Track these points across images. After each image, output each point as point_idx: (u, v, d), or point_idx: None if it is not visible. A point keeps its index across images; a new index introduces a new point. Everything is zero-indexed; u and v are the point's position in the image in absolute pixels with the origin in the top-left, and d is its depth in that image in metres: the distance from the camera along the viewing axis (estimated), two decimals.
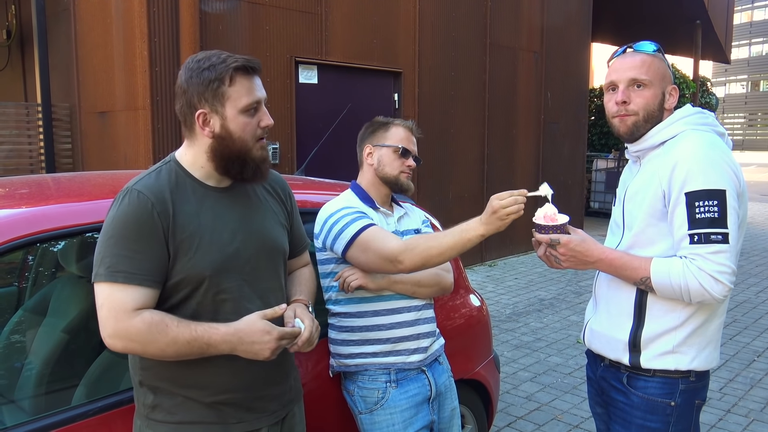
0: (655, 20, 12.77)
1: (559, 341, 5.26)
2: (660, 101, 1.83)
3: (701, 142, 1.74)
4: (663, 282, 1.72)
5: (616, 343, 1.88)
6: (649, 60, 1.82)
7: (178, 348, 1.49)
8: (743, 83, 57.26)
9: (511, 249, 8.59)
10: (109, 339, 1.49)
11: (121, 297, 1.47)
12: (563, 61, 9.12)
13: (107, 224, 1.53)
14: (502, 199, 1.82)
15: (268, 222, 1.74)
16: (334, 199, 2.19)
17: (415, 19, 6.96)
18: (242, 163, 1.61)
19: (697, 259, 1.67)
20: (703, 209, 1.66)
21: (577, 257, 1.80)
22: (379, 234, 1.99)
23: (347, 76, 6.42)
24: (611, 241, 1.97)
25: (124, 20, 5.14)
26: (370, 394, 2.10)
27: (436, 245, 1.91)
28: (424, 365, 2.18)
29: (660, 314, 1.80)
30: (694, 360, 1.80)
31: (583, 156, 9.97)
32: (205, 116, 1.58)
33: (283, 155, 5.76)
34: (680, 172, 1.70)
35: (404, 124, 2.25)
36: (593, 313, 2.02)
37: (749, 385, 4.36)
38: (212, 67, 1.56)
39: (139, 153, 5.12)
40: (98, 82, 5.52)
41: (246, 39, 5.45)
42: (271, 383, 1.72)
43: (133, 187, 1.54)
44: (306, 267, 1.94)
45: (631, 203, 1.88)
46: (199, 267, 1.55)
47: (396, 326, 2.12)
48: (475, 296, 3.02)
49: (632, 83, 1.82)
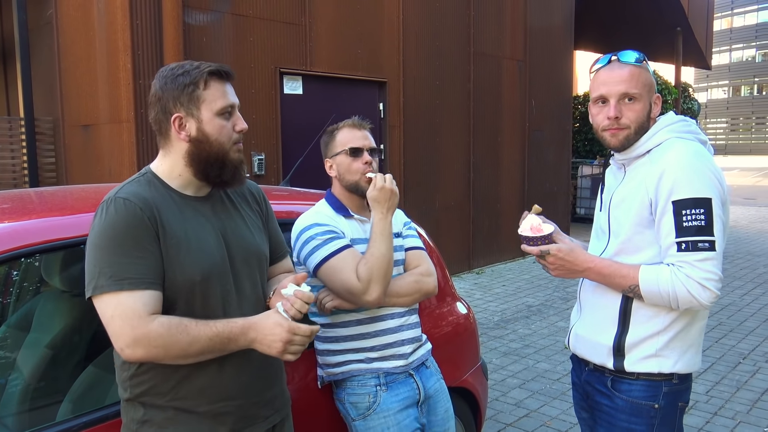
0: (636, 28, 12.93)
1: (547, 347, 5.28)
2: (648, 112, 1.84)
3: (687, 151, 1.76)
4: (651, 290, 1.74)
5: (600, 347, 1.90)
6: (637, 72, 1.82)
7: (201, 346, 1.49)
8: (725, 89, 58.05)
9: (499, 256, 8.62)
10: (127, 349, 1.46)
11: (132, 303, 1.46)
12: (547, 69, 9.20)
13: (96, 236, 1.51)
14: (384, 181, 2.02)
15: (248, 228, 1.76)
16: (307, 212, 2.19)
17: (399, 29, 7.00)
18: (221, 165, 1.63)
19: (685, 266, 1.70)
20: (690, 217, 1.69)
21: (566, 266, 1.83)
22: (347, 265, 1.99)
23: (332, 87, 6.44)
24: (596, 247, 1.99)
25: (107, 33, 5.13)
26: (361, 399, 2.10)
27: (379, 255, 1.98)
28: (411, 369, 2.18)
29: (644, 320, 1.82)
30: (677, 363, 1.83)
31: (568, 163, 10.04)
32: (181, 120, 1.60)
33: (268, 166, 5.76)
34: (667, 180, 1.72)
35: (347, 124, 2.23)
36: (578, 318, 2.04)
37: (735, 388, 4.40)
38: (186, 73, 1.60)
39: (123, 166, 5.10)
40: (81, 95, 5.50)
41: (230, 50, 5.46)
42: (263, 388, 1.72)
43: (116, 196, 1.54)
44: (290, 272, 1.93)
45: (617, 210, 1.89)
46: (188, 273, 1.55)
47: (380, 333, 2.12)
48: (462, 304, 3.02)
49: (623, 97, 1.82)
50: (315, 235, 2.06)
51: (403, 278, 2.15)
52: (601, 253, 1.92)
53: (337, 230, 2.09)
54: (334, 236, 2.06)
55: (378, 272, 1.96)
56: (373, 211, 2.03)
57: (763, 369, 4.74)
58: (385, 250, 1.98)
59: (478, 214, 8.21)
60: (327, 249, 2.03)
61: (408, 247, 2.25)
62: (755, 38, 55.79)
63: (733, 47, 56.78)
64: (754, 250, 9.84)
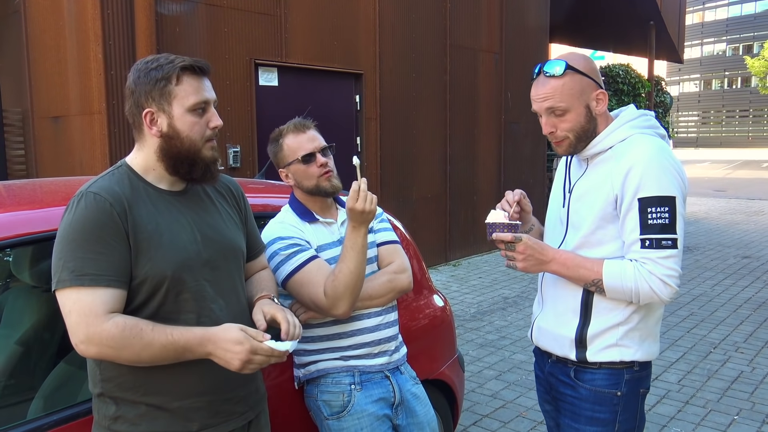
0: (610, 21, 13.05)
1: (523, 338, 5.33)
2: (587, 115, 1.83)
3: (653, 147, 1.78)
4: (614, 284, 1.78)
5: (563, 339, 1.93)
6: (559, 84, 1.80)
7: (153, 352, 1.47)
8: (696, 82, 59.06)
9: (475, 248, 8.67)
10: (81, 345, 1.46)
11: (89, 301, 1.45)
12: (522, 61, 9.25)
13: (64, 229, 1.50)
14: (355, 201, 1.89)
15: (224, 224, 1.74)
16: (272, 222, 2.15)
17: (375, 21, 6.97)
18: (191, 162, 1.61)
19: (648, 263, 1.74)
20: (655, 215, 1.72)
21: (535, 256, 1.84)
22: (312, 279, 1.97)
23: (308, 78, 6.39)
24: (552, 239, 2.01)
25: (77, 22, 5.02)
26: (335, 398, 2.08)
27: (348, 272, 1.92)
28: (388, 370, 2.16)
29: (605, 312, 1.86)
30: (638, 351, 1.87)
31: (544, 156, 10.13)
32: (152, 115, 1.58)
33: (243, 158, 5.71)
34: (634, 177, 1.74)
35: (290, 130, 2.14)
36: (540, 311, 2.06)
37: (706, 377, 4.49)
38: (159, 67, 1.58)
39: (95, 158, 5.01)
40: (51, 86, 5.38)
41: (204, 41, 5.38)
42: (237, 385, 1.70)
43: (88, 191, 1.53)
44: (265, 270, 1.94)
45: (578, 203, 1.91)
46: (159, 267, 1.53)
47: (357, 333, 2.10)
48: (439, 296, 3.03)
49: (551, 112, 1.84)
50: (278, 250, 2.03)
51: (375, 279, 2.11)
52: (559, 245, 1.95)
53: (302, 241, 2.05)
54: (298, 249, 2.02)
55: (345, 289, 1.93)
56: (348, 222, 1.95)
57: (734, 358, 4.84)
58: (353, 267, 1.92)
59: (454, 207, 8.24)
60: (291, 264, 2.00)
61: (381, 242, 2.21)
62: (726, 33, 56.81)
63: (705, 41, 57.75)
64: (725, 241, 10.04)
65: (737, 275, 7.59)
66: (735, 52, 56.91)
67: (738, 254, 8.93)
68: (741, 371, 4.58)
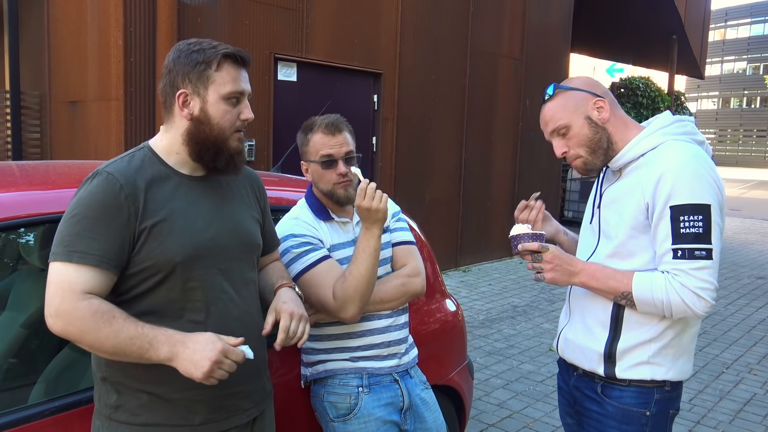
0: (632, 33, 12.95)
1: (532, 349, 5.26)
2: (590, 126, 1.80)
3: (686, 153, 1.70)
4: (645, 297, 1.71)
5: (591, 353, 1.86)
6: (553, 105, 1.82)
7: (117, 342, 1.41)
8: (714, 100, 58.61)
9: (486, 255, 8.60)
10: (49, 318, 1.43)
11: (72, 277, 1.42)
12: (542, 69, 9.17)
13: (72, 204, 1.49)
14: (362, 198, 1.84)
15: (243, 215, 1.71)
16: (286, 217, 2.10)
17: (397, 21, 6.92)
18: (217, 150, 1.59)
19: (680, 274, 1.66)
20: (688, 224, 1.64)
21: (563, 266, 1.78)
22: (322, 280, 1.91)
23: (327, 75, 6.35)
24: (584, 249, 1.95)
25: (99, 8, 5.01)
26: (342, 400, 2.02)
27: (359, 275, 1.87)
28: (397, 372, 2.10)
29: (636, 326, 1.79)
30: (670, 370, 1.79)
31: (559, 165, 10.03)
32: (186, 97, 1.56)
33: (259, 152, 5.67)
34: (665, 185, 1.67)
35: (321, 128, 2.02)
36: (567, 322, 1.99)
37: (718, 397, 4.40)
38: (202, 51, 1.57)
39: (110, 144, 4.99)
40: (70, 70, 5.37)
41: (225, 33, 5.35)
42: (243, 379, 1.65)
43: (103, 170, 1.51)
44: (278, 261, 1.91)
45: (607, 210, 1.85)
46: (169, 253, 1.50)
47: (367, 333, 2.05)
48: (451, 301, 2.97)
49: (556, 134, 1.84)
50: (290, 248, 1.98)
51: (388, 282, 2.04)
52: (591, 254, 1.89)
53: (315, 240, 2.00)
54: (310, 248, 1.97)
55: (355, 292, 1.87)
56: (362, 223, 1.91)
57: (746, 379, 4.75)
58: (365, 271, 1.87)
59: (467, 211, 8.17)
60: (302, 262, 1.96)
61: (396, 242, 2.14)
62: (747, 51, 56.34)
63: (725, 59, 57.30)
64: (739, 260, 9.91)
65: (751, 296, 7.48)
66: (755, 71, 56.42)
67: (752, 274, 8.80)
68: (754, 393, 4.48)
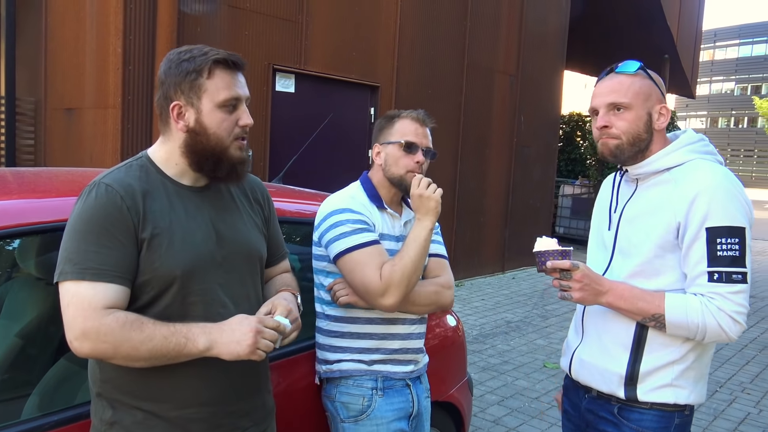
0: (625, 52, 13.02)
1: (526, 365, 5.23)
2: (646, 122, 1.74)
3: (718, 174, 1.67)
4: (678, 320, 1.65)
5: (610, 375, 1.79)
6: (628, 81, 1.73)
7: (153, 345, 1.38)
8: (702, 119, 59.25)
9: (479, 269, 8.58)
10: (75, 342, 1.38)
11: (89, 295, 1.37)
12: (537, 85, 9.22)
13: (72, 220, 1.44)
14: (416, 186, 1.93)
15: (245, 226, 1.66)
16: (338, 193, 2.08)
17: (395, 34, 6.94)
18: (217, 160, 1.54)
19: (717, 298, 1.62)
20: (725, 247, 1.61)
21: (592, 286, 1.70)
22: (372, 260, 1.87)
23: (325, 87, 6.35)
24: (595, 264, 1.88)
25: (98, 15, 4.98)
26: (354, 401, 1.99)
27: (409, 263, 1.86)
28: (410, 378, 2.09)
29: (659, 348, 1.74)
30: (692, 394, 1.75)
31: (553, 180, 10.07)
32: (180, 109, 1.51)
33: (255, 163, 5.64)
34: (701, 205, 1.63)
35: (411, 115, 2.07)
36: (579, 342, 1.92)
37: (712, 416, 4.38)
38: (192, 59, 1.51)
39: (106, 153, 4.94)
40: (67, 77, 5.33)
41: (224, 43, 5.34)
42: (242, 396, 1.61)
43: (101, 181, 1.47)
44: (287, 273, 1.86)
45: (629, 227, 1.79)
46: (168, 266, 1.46)
47: (389, 337, 2.03)
48: (452, 316, 2.95)
49: (612, 107, 1.74)
50: (345, 221, 1.93)
51: (424, 286, 2.02)
52: (605, 271, 1.83)
53: (369, 222, 1.97)
54: (364, 227, 1.94)
55: (402, 278, 1.85)
56: (416, 214, 1.94)
57: (740, 399, 4.74)
58: (416, 258, 1.87)
59: (460, 226, 8.17)
60: (355, 239, 1.91)
61: (431, 254, 2.13)
62: (735, 72, 57.15)
63: (714, 79, 58.07)
64: None
65: None
66: (743, 91, 57.18)
67: None
68: (748, 413, 4.47)
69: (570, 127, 13.75)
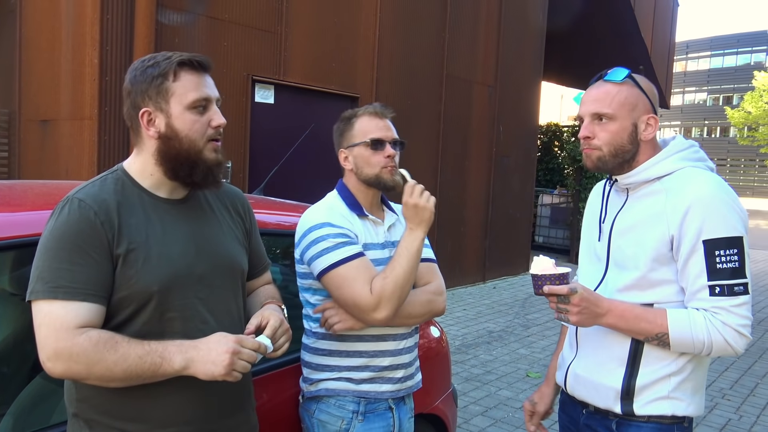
0: (601, 63, 13.19)
1: (509, 374, 5.23)
2: (631, 133, 1.68)
3: (711, 183, 1.62)
4: (683, 338, 1.61)
5: (606, 390, 1.74)
6: (614, 90, 1.68)
7: (128, 365, 1.34)
8: (676, 129, 60.24)
9: (460, 280, 8.59)
10: (48, 362, 1.34)
11: (61, 314, 1.33)
12: (515, 96, 9.29)
13: (45, 237, 1.40)
14: (409, 195, 1.85)
15: (225, 238, 1.62)
16: (316, 205, 1.99)
17: (375, 46, 6.95)
18: (192, 164, 1.50)
19: (721, 312, 1.58)
20: (724, 259, 1.56)
21: (590, 309, 1.64)
22: (360, 275, 1.80)
23: (304, 98, 6.33)
24: (588, 276, 1.84)
25: (74, 26, 4.92)
26: (333, 422, 1.93)
27: (401, 275, 1.80)
28: (394, 399, 2.02)
29: (655, 361, 1.69)
30: (690, 406, 1.71)
31: (532, 190, 10.14)
32: (149, 115, 1.48)
33: (235, 174, 5.59)
34: (695, 217, 1.58)
35: (368, 111, 1.99)
36: (573, 357, 1.86)
37: (694, 423, 4.40)
38: (156, 64, 1.49)
39: (82, 165, 4.86)
40: (42, 88, 5.24)
41: (202, 54, 5.28)
42: (223, 415, 1.57)
43: (74, 197, 1.43)
44: (269, 284, 1.82)
45: (622, 239, 1.74)
46: (145, 282, 1.42)
47: (379, 354, 1.96)
48: (435, 327, 2.93)
49: (595, 117, 1.70)
50: (327, 236, 1.85)
51: (416, 296, 1.95)
52: (599, 283, 1.79)
53: (351, 234, 1.90)
54: (347, 240, 1.86)
55: (394, 291, 1.79)
56: (407, 223, 1.87)
57: (720, 405, 4.78)
58: (408, 269, 1.81)
59: (441, 237, 8.17)
60: (339, 254, 1.83)
61: (421, 258, 2.02)
62: (707, 83, 58.29)
63: (686, 90, 59.16)
64: None
65: None
66: (715, 102, 58.32)
67: None
68: (729, 419, 4.51)
69: (548, 137, 13.90)
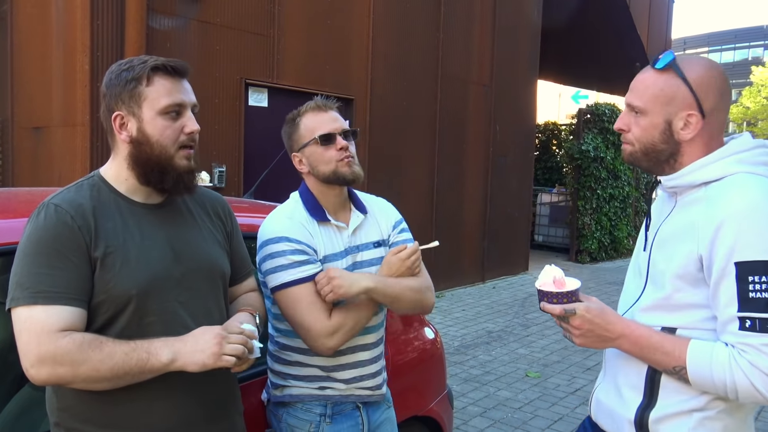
0: (598, 62, 13.24)
1: (508, 375, 5.20)
2: (663, 131, 1.47)
3: (757, 193, 1.36)
4: (703, 376, 1.38)
5: (620, 420, 1.56)
6: (651, 80, 1.47)
7: (114, 363, 1.33)
8: None
9: (459, 280, 8.56)
10: (32, 369, 1.31)
11: (43, 319, 1.32)
12: (511, 95, 9.27)
13: (22, 244, 1.39)
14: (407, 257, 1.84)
15: (205, 242, 1.61)
16: (276, 212, 1.91)
17: (368, 47, 6.93)
18: (162, 171, 1.49)
19: (749, 351, 1.32)
20: (759, 286, 1.31)
21: (595, 331, 1.46)
22: (316, 299, 1.76)
23: (298, 101, 6.19)
24: (629, 293, 1.65)
25: (65, 32, 4.90)
26: (301, 425, 1.89)
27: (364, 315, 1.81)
28: (360, 401, 1.97)
29: (674, 393, 1.47)
30: None
31: (530, 189, 10.10)
32: (121, 119, 1.48)
33: (229, 179, 5.57)
34: (728, 234, 1.34)
35: (310, 107, 1.91)
36: (601, 381, 1.70)
37: None
38: (131, 68, 1.48)
39: (75, 171, 4.84)
40: (34, 95, 5.23)
41: (195, 58, 5.28)
42: (212, 419, 1.55)
43: (49, 202, 1.42)
44: (253, 291, 1.79)
45: (658, 252, 1.54)
46: (123, 286, 1.41)
47: (338, 369, 1.91)
48: (430, 329, 2.91)
49: (631, 108, 1.52)
50: (284, 252, 1.79)
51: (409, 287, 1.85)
52: (637, 299, 1.59)
53: (311, 250, 1.82)
54: (304, 259, 1.79)
55: (353, 328, 1.79)
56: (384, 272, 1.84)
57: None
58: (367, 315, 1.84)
59: (440, 237, 8.04)
60: (295, 273, 1.78)
61: None
62: None
63: None
64: None
65: None
66: None
67: None
68: None
69: (546, 135, 13.87)
